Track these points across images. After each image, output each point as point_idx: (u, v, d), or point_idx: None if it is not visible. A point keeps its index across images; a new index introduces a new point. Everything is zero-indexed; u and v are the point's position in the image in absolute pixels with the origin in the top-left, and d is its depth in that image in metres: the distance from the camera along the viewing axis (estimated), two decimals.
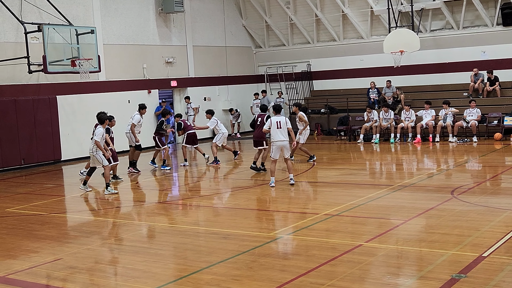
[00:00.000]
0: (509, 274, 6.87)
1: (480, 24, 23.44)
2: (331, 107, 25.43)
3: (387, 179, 15.12)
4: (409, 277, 7.10)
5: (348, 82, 26.23)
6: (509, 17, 22.49)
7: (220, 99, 26.80)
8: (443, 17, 23.97)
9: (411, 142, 20.88)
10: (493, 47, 23.03)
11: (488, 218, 9.83)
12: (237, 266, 7.70)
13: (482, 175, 13.95)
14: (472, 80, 22.86)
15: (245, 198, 12.43)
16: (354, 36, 26.19)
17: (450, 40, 23.87)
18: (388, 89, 24.21)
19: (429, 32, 24.33)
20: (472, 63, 23.17)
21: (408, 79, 24.48)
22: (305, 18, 26.79)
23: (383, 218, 10.06)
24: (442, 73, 24.11)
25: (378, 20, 25.18)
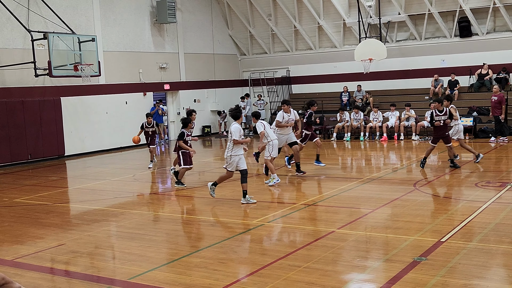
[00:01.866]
0: (464, 257, 6.94)
1: (440, 36, 23.62)
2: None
3: (357, 173, 15.18)
4: (376, 260, 7.14)
5: (323, 86, 26.29)
6: (466, 29, 22.70)
7: (209, 101, 26.72)
8: (407, 29, 24.12)
9: (378, 140, 21.00)
10: (451, 56, 23.24)
11: (446, 207, 9.92)
12: (223, 250, 7.70)
13: (441, 169, 14.05)
14: (433, 85, 23.05)
15: (231, 189, 12.40)
16: (329, 45, 26.25)
17: (413, 50, 24.02)
18: (359, 92, 24.31)
19: (395, 42, 24.46)
20: (433, 70, 23.35)
21: (376, 84, 24.60)
22: (285, 29, 26.79)
23: (354, 208, 10.09)
24: (406, 79, 24.27)
25: (350, 31, 25.27)
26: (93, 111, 21.37)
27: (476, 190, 11.05)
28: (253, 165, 15.83)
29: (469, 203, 10.00)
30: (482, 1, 22.06)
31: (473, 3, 22.25)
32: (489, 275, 6.37)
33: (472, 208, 9.40)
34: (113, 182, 14.43)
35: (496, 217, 8.87)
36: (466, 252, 7.12)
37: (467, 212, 9.15)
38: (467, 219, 8.67)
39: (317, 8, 25.32)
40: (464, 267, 6.60)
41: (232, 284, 6.34)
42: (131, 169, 16.59)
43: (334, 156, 18.73)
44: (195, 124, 14.11)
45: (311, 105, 14.31)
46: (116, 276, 6.99)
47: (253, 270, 6.76)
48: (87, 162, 19.09)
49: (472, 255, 7.01)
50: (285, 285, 6.23)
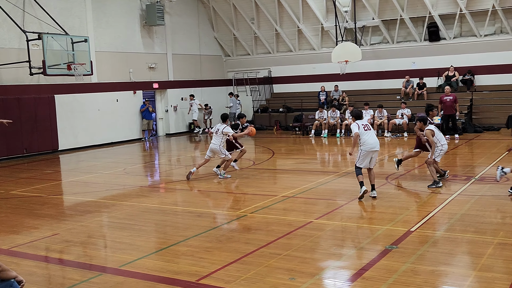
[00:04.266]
0: (432, 245, 7.02)
1: (411, 40, 23.80)
2: (288, 107, 25.53)
3: (334, 167, 15.26)
4: (351, 248, 7.18)
5: (302, 86, 26.34)
6: (434, 34, 22.92)
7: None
8: (380, 33, 24.26)
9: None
10: (421, 58, 23.43)
11: (416, 199, 10.02)
12: (209, 240, 7.69)
13: (411, 164, 14.16)
14: (404, 85, 23.24)
15: (217, 182, 12.39)
16: (308, 48, 26.29)
17: (386, 52, 24.17)
18: (336, 92, 24.40)
19: (369, 45, 24.59)
20: (404, 71, 23.53)
21: (351, 84, 24.71)
22: (267, 32, 26.76)
23: (330, 200, 10.14)
24: (379, 80, 24.42)
25: (328, 35, 25.33)
26: (86, 108, 21.14)
27: (443, 183, 11.16)
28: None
29: (437, 195, 10.11)
30: (450, 8, 22.28)
31: (441, 10, 22.46)
32: (454, 262, 6.46)
33: (439, 200, 9.51)
34: (105, 175, 14.31)
35: (461, 208, 8.98)
36: (434, 241, 7.20)
37: (435, 203, 9.25)
38: (435, 210, 8.77)
39: (297, 13, 25.33)
40: (432, 254, 6.68)
41: (217, 271, 6.33)
42: (122, 163, 16.46)
43: (313, 151, 18.79)
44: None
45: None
46: (108, 264, 6.94)
47: (236, 258, 6.76)
48: (80, 156, 18.90)
49: (439, 244, 7.09)
50: (266, 272, 6.24)
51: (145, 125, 23.38)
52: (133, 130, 23.29)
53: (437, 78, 23.11)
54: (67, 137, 20.29)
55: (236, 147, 13.48)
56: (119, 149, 20.72)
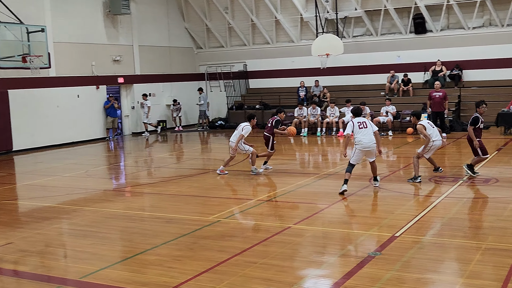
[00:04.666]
0: (418, 251, 7.12)
1: (396, 32, 24.10)
2: (265, 103, 25.58)
3: (314, 168, 15.36)
4: (332, 255, 7.24)
5: (280, 81, 26.43)
6: (420, 26, 23.25)
7: (164, 95, 26.46)
8: (364, 24, 24.49)
9: (335, 135, 21.27)
10: (407, 52, 23.74)
11: (401, 202, 10.15)
12: (179, 248, 7.66)
13: (396, 164, 14.35)
14: (388, 81, 23.51)
15: (188, 185, 12.35)
16: (286, 40, 26.39)
17: (370, 45, 24.42)
18: (316, 88, 24.55)
19: (351, 37, 24.80)
20: (389, 66, 23.80)
21: (333, 79, 24.88)
22: (242, 22, 26.77)
23: (311, 203, 10.20)
24: (362, 75, 24.65)
25: (307, 26, 25.47)
26: (43, 104, 20.83)
27: (430, 185, 11.34)
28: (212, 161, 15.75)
29: (423, 198, 10.26)
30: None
31: (428, 0, 22.79)
32: (442, 269, 6.56)
33: (426, 203, 9.65)
34: (65, 178, 14.13)
35: (449, 212, 9.13)
36: (420, 247, 7.31)
37: (421, 207, 9.39)
38: (421, 213, 8.90)
39: (274, 2, 25.40)
40: (418, 261, 6.78)
41: (187, 281, 6.32)
42: (84, 165, 16.28)
43: (291, 151, 18.87)
44: None
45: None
46: (68, 275, 6.86)
47: (209, 267, 6.75)
48: (38, 157, 18.62)
49: (425, 249, 7.20)
50: (241, 282, 6.25)
51: (109, 123, 23.16)
52: (96, 128, 23.05)
53: (424, 73, 23.44)
54: (22, 136, 19.96)
55: (269, 145, 13.91)
56: (81, 149, 20.48)
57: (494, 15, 21.95)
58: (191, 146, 21.29)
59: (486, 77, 22.41)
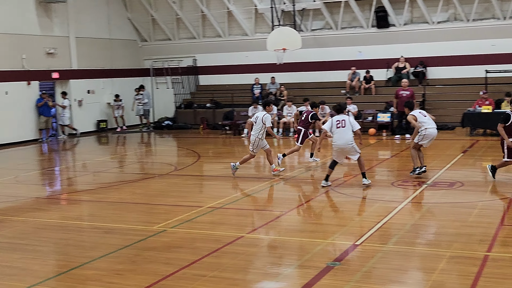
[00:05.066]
0: (380, 261, 7.24)
1: (357, 26, 24.48)
2: (217, 102, 25.56)
3: (270, 172, 15.40)
4: (288, 266, 7.28)
5: (233, 78, 26.43)
6: (383, 20, 23.69)
7: (105, 92, 26.05)
8: (323, 17, 24.78)
9: (292, 137, 21.39)
10: (369, 47, 24.14)
11: (362, 208, 10.32)
12: (120, 261, 7.55)
13: (357, 168, 14.55)
14: (349, 78, 23.86)
15: (130, 192, 12.20)
16: (239, 33, 26.44)
17: (330, 40, 24.72)
18: (272, 85, 24.67)
19: (310, 31, 25.05)
20: (350, 62, 24.16)
21: (290, 75, 25.05)
22: (191, 13, 26.66)
23: (266, 210, 10.24)
24: (322, 71, 24.90)
25: (262, 18, 25.59)
26: None
27: (392, 189, 11.57)
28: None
29: (385, 204, 10.45)
30: None
31: None
32: (404, 279, 6.70)
33: (388, 209, 9.83)
34: None
35: (412, 218, 9.34)
36: (382, 255, 7.44)
37: (383, 213, 9.55)
38: (383, 220, 9.05)
39: None
40: (380, 271, 6.89)
41: None
42: (13, 170, 15.85)
43: (245, 154, 18.86)
44: None
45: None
46: None
47: (153, 281, 6.69)
48: None
49: (388, 258, 7.33)
50: None
51: (42, 124, 22.64)
52: (28, 129, 22.49)
53: (386, 70, 23.90)
54: None
55: (299, 140, 14.72)
56: (10, 152, 19.95)
57: (460, 9, 22.60)
58: (134, 148, 21.06)
59: (451, 75, 23.02)
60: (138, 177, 14.20)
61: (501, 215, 9.22)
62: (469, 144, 17.78)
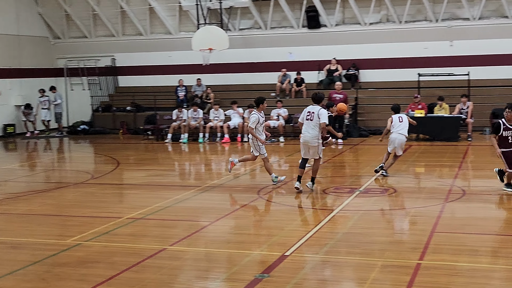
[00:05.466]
0: (310, 272, 7.35)
1: (287, 26, 24.81)
2: (138, 104, 25.25)
3: (196, 180, 15.38)
4: (214, 279, 7.27)
5: (156, 79, 26.20)
6: (314, 20, 24.11)
7: (12, 94, 25.22)
8: (251, 16, 24.96)
9: (219, 142, 21.42)
10: (300, 48, 24.51)
11: (293, 217, 10.44)
12: (28, 278, 7.32)
13: (288, 175, 14.73)
14: (280, 80, 24.12)
15: (41, 202, 11.85)
16: (162, 31, 26.25)
17: (259, 40, 24.92)
18: (198, 87, 24.62)
19: (238, 30, 25.18)
20: (280, 63, 24.42)
21: (217, 77, 25.09)
22: (109, 9, 26.25)
23: (191, 220, 10.19)
24: (251, 73, 25.06)
25: (187, 16, 25.51)
26: None
27: (324, 197, 11.77)
28: None
29: (316, 212, 10.62)
30: None
31: None
32: None
33: (319, 217, 10.00)
34: None
35: (344, 226, 9.53)
36: (312, 266, 7.54)
37: (314, 221, 9.71)
38: (314, 229, 9.19)
39: None
40: (310, 282, 6.99)
41: None
42: None
43: (169, 161, 18.76)
44: None
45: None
46: None
47: None
48: None
49: (318, 269, 7.45)
50: None
51: None
52: None
53: (318, 72, 24.32)
54: None
55: None
56: None
57: (392, 10, 23.32)
58: (46, 155, 20.50)
59: (384, 78, 23.68)
60: (50, 187, 13.82)
61: (433, 222, 9.55)
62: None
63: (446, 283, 6.78)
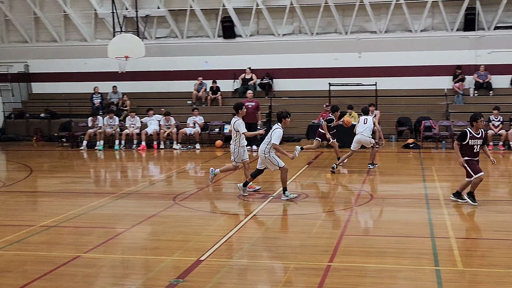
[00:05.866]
0: (225, 275, 7.32)
1: (203, 35, 24.83)
2: (52, 111, 24.59)
3: (111, 186, 15.06)
4: (129, 286, 7.11)
5: (71, 86, 25.66)
6: (229, 30, 24.25)
7: None
8: (168, 25, 24.83)
9: (136, 149, 21.11)
10: (216, 58, 24.60)
11: (208, 222, 10.37)
12: None
13: (204, 181, 14.67)
14: (196, 88, 24.07)
15: None
16: (78, 38, 25.70)
17: (175, 49, 24.81)
18: (114, 94, 24.20)
19: (154, 39, 24.98)
20: (196, 72, 24.41)
21: (134, 85, 24.82)
22: (22, 14, 25.48)
23: (106, 227, 9.95)
24: (167, 81, 24.95)
25: (103, 24, 25.09)
26: None
27: (239, 202, 11.79)
28: None
29: (231, 217, 10.62)
30: (245, 1, 23.82)
31: (236, 3, 23.91)
32: None
33: (234, 222, 9.99)
34: None
35: (258, 231, 9.57)
36: (227, 270, 7.52)
37: (229, 226, 9.69)
38: (229, 234, 9.18)
39: None
40: (225, 286, 6.96)
41: None
42: None
43: (84, 168, 18.30)
44: None
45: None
46: None
47: None
48: None
49: (233, 273, 7.43)
50: None
51: None
52: None
53: (233, 81, 24.45)
54: None
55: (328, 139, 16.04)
56: None
57: (304, 22, 23.78)
58: None
59: (297, 87, 24.11)
60: None
61: (343, 225, 9.75)
62: (313, 156, 18.66)
63: (354, 284, 6.92)
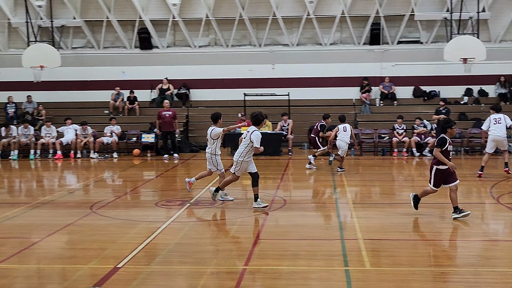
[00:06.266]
0: (142, 282, 7.22)
1: (120, 46, 24.48)
2: None
3: (26, 196, 14.52)
4: None
5: None
6: (146, 41, 24.08)
7: None
8: (84, 35, 24.32)
9: (52, 159, 20.50)
10: (132, 68, 24.32)
11: (126, 230, 10.20)
12: None
13: (122, 189, 14.41)
14: (113, 98, 23.67)
15: None
16: None
17: (92, 59, 24.33)
18: (29, 104, 23.44)
19: (70, 49, 24.41)
20: (113, 82, 24.03)
21: (49, 94, 24.18)
22: None
23: (21, 237, 9.59)
24: (84, 91, 24.43)
25: (17, 33, 24.28)
26: None
27: (156, 210, 11.67)
28: None
29: (149, 224, 10.48)
30: (162, 13, 23.71)
31: (153, 15, 23.73)
32: None
33: (151, 229, 9.88)
34: None
35: (175, 237, 9.50)
36: (144, 277, 7.42)
37: (146, 233, 9.57)
38: (146, 241, 9.07)
39: None
40: None
41: None
42: None
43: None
44: None
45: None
46: None
47: None
48: None
49: (150, 279, 7.34)
50: None
51: None
52: None
53: (150, 91, 24.21)
54: None
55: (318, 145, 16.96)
56: None
57: (219, 35, 23.90)
58: None
59: (213, 97, 24.17)
60: None
61: (258, 230, 9.85)
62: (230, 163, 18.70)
63: (268, 286, 7.01)
